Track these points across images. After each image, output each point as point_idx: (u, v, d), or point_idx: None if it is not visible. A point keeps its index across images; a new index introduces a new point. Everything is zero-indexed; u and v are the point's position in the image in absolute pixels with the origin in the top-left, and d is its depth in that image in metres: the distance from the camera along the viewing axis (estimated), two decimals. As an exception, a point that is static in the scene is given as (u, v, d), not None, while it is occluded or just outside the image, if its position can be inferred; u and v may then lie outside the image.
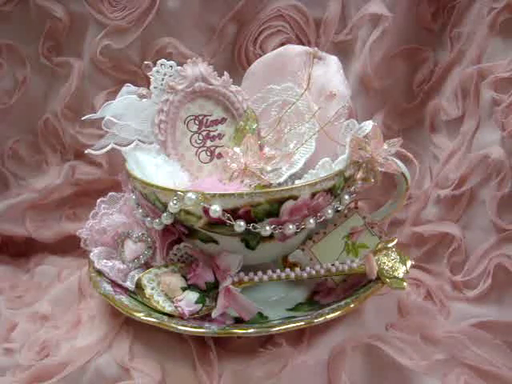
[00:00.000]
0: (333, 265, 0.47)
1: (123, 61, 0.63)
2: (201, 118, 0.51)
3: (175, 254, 0.47)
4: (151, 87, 0.50)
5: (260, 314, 0.46)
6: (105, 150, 0.49)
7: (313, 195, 0.43)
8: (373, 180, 0.47)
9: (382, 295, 0.50)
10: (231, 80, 0.51)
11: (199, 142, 0.51)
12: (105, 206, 0.53)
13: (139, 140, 0.49)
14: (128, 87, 0.50)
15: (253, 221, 0.42)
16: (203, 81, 0.50)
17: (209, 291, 0.45)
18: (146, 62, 0.50)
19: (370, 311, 0.49)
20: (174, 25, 0.62)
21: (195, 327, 0.42)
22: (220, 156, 0.51)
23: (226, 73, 0.51)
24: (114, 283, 0.48)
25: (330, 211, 0.45)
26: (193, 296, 0.45)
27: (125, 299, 0.46)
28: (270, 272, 0.46)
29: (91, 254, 0.50)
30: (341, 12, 0.64)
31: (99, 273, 0.49)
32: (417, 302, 0.55)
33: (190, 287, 0.45)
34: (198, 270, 0.46)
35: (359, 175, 0.47)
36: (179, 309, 0.44)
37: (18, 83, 0.64)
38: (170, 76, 0.49)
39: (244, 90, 0.52)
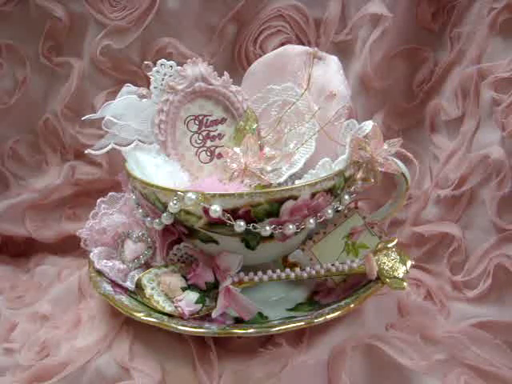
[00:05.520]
0: (333, 265, 0.47)
1: (123, 61, 0.63)
2: (201, 118, 0.51)
3: (175, 254, 0.47)
4: (151, 87, 0.50)
5: (260, 314, 0.46)
6: (105, 150, 0.49)
7: (313, 195, 0.43)
8: (373, 180, 0.47)
9: (382, 295, 0.50)
10: (231, 80, 0.51)
11: (199, 142, 0.51)
12: (105, 206, 0.53)
13: (139, 140, 0.49)
14: (128, 87, 0.50)
15: (253, 221, 0.42)
16: (203, 81, 0.50)
17: (209, 291, 0.45)
18: (145, 62, 0.50)
19: (369, 311, 0.49)
20: (174, 25, 0.62)
21: (195, 327, 0.42)
22: (220, 156, 0.51)
23: (225, 73, 0.51)
24: (113, 283, 0.48)
25: (329, 211, 0.45)
26: (193, 296, 0.45)
27: (125, 299, 0.46)
28: (269, 272, 0.46)
29: (91, 254, 0.50)
30: (341, 12, 0.64)
31: (99, 273, 0.49)
32: (417, 302, 0.55)
33: (190, 287, 0.45)
34: (197, 269, 0.46)
35: (359, 175, 0.47)
36: (179, 309, 0.44)
37: (18, 83, 0.64)
38: (170, 76, 0.49)
39: (244, 90, 0.52)
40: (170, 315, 0.44)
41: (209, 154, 0.52)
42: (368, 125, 0.46)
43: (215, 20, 0.63)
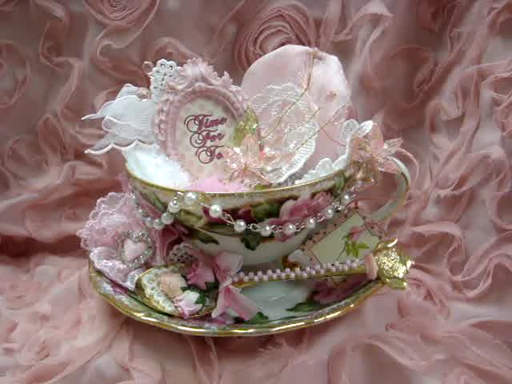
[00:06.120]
0: (333, 265, 0.47)
1: (123, 61, 0.63)
2: (201, 118, 0.51)
3: (175, 254, 0.47)
4: (151, 87, 0.50)
5: (260, 314, 0.46)
6: (105, 150, 0.49)
7: (313, 195, 0.43)
8: (373, 180, 0.47)
9: (382, 295, 0.50)
10: (231, 80, 0.51)
11: (199, 142, 0.51)
12: (105, 206, 0.53)
13: (139, 140, 0.49)
14: (128, 87, 0.50)
15: (253, 221, 0.42)
16: (203, 81, 0.50)
17: (209, 291, 0.45)
18: (145, 62, 0.50)
19: (369, 311, 0.49)
20: (174, 25, 0.62)
21: (195, 327, 0.42)
22: (220, 156, 0.51)
23: (225, 73, 0.51)
24: (113, 283, 0.48)
25: (330, 211, 0.45)
26: (193, 296, 0.45)
27: (125, 299, 0.46)
28: (270, 272, 0.46)
29: (91, 253, 0.50)
30: (341, 12, 0.64)
31: (99, 273, 0.49)
32: (417, 302, 0.55)
33: (190, 287, 0.45)
34: (198, 270, 0.46)
35: (359, 175, 0.47)
36: (179, 309, 0.44)
37: (18, 83, 0.64)
38: (170, 76, 0.49)
39: (244, 90, 0.52)
40: (170, 315, 0.44)
41: (209, 153, 0.52)
42: (368, 125, 0.46)
43: (215, 20, 0.63)
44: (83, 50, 0.64)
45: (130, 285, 0.48)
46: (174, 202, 0.41)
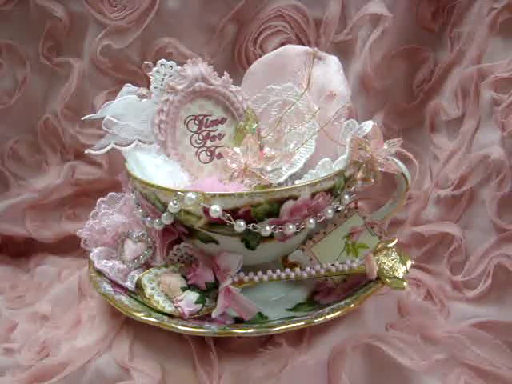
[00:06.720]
0: (333, 265, 0.47)
1: (123, 61, 0.63)
2: (201, 118, 0.51)
3: (175, 254, 0.47)
4: (151, 87, 0.50)
5: (260, 314, 0.46)
6: (105, 150, 0.49)
7: (313, 195, 0.43)
8: (373, 180, 0.47)
9: (382, 295, 0.50)
10: (231, 80, 0.51)
11: (199, 142, 0.51)
12: (105, 206, 0.53)
13: (139, 140, 0.49)
14: (128, 87, 0.50)
15: (253, 221, 0.42)
16: (203, 81, 0.50)
17: (209, 291, 0.45)
18: (146, 62, 0.50)
19: (369, 311, 0.49)
20: (174, 25, 0.62)
21: (195, 327, 0.42)
22: (220, 156, 0.51)
23: (225, 73, 0.51)
24: (113, 283, 0.48)
25: (330, 211, 0.45)
26: (193, 296, 0.45)
27: (125, 299, 0.46)
28: (270, 272, 0.46)
29: (91, 254, 0.50)
30: (341, 12, 0.64)
31: (99, 273, 0.49)
32: (417, 302, 0.55)
33: (190, 287, 0.45)
34: (198, 270, 0.46)
35: (359, 175, 0.47)
36: (179, 309, 0.44)
37: (18, 83, 0.64)
38: (170, 76, 0.49)
39: (244, 90, 0.52)
40: (170, 315, 0.44)
41: (209, 154, 0.52)
42: (368, 125, 0.46)
43: (215, 20, 0.63)
44: (83, 50, 0.64)
45: (129, 285, 0.48)
46: (174, 201, 0.41)
